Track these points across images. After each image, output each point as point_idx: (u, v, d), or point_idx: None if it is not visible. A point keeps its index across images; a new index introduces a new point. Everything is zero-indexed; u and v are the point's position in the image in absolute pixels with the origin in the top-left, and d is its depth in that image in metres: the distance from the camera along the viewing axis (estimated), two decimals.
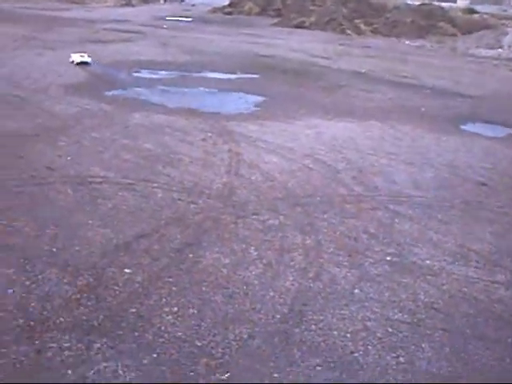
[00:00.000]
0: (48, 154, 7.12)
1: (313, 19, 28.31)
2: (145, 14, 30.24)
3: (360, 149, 8.44)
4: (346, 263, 4.92)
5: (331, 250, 5.14)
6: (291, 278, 4.59)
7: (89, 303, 4.06)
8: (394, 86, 13.82)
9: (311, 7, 30.05)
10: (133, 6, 34.73)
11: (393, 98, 12.45)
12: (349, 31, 26.36)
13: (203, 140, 8.19)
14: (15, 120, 8.59)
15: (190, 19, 28.87)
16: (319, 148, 8.33)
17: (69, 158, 6.98)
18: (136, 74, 13.17)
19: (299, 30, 26.41)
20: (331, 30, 26.73)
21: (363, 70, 15.67)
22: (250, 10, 32.46)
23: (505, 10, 35.59)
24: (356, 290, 4.51)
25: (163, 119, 9.27)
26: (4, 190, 5.91)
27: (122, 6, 34.70)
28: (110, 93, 11.17)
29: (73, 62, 14.15)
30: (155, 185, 6.29)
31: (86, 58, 14.25)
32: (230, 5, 33.46)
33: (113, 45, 17.45)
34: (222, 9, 33.31)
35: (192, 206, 5.86)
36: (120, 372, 3.42)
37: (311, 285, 4.53)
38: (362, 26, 27.03)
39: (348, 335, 3.94)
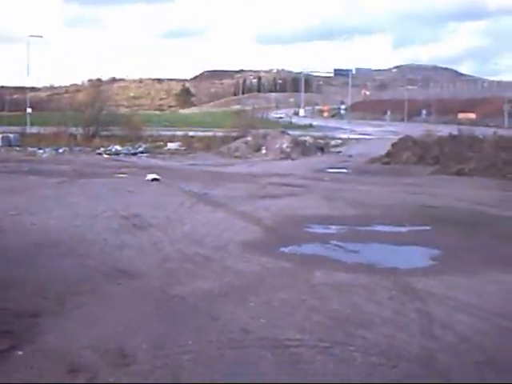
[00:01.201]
0: (240, 315, 7.28)
1: (472, 166, 28.10)
2: (304, 166, 31.18)
3: None
4: None
5: None
6: None
7: None
8: None
9: (469, 154, 29.97)
10: (292, 159, 35.94)
11: None
12: (510, 176, 25.90)
13: (390, 299, 8.12)
14: (203, 279, 8.92)
15: (348, 170, 29.49)
16: (507, 305, 8.07)
17: (262, 320, 7.10)
18: (307, 229, 13.45)
19: (459, 178, 26.17)
20: (491, 176, 26.33)
21: None
22: (408, 160, 32.62)
23: None
24: None
25: (344, 277, 9.31)
26: (204, 355, 6.04)
27: (282, 159, 35.99)
28: (286, 249, 11.44)
29: (148, 179, 22.68)
30: (352, 348, 6.23)
31: (157, 176, 22.97)
32: (387, 155, 33.87)
33: (280, 199, 18.00)
34: (379, 159, 33.75)
35: (394, 370, 5.76)
36: None
37: None
38: None
39: None
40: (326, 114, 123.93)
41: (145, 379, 5.39)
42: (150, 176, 22.93)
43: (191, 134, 52.91)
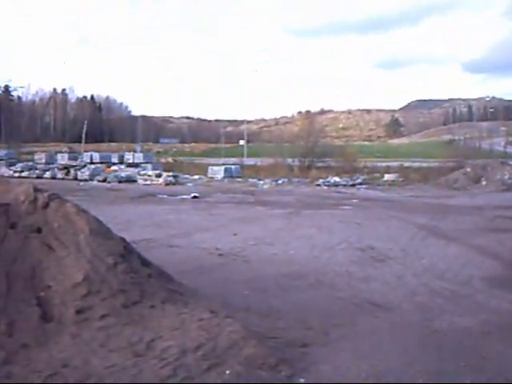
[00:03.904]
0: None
1: None
2: None
3: None
4: None
5: None
6: None
7: None
8: None
9: None
10: None
11: None
12: None
13: None
14: (458, 315, 8.80)
15: None
16: None
17: None
18: None
19: None
20: None
21: None
22: None
23: None
24: None
25: None
26: None
27: (503, 191, 34.81)
28: None
29: (191, 196, 29.20)
30: None
31: (196, 194, 29.65)
32: None
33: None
34: None
35: None
36: None
37: None
38: None
39: None
40: None
41: None
42: (192, 195, 29.35)
43: (406, 164, 52.62)
